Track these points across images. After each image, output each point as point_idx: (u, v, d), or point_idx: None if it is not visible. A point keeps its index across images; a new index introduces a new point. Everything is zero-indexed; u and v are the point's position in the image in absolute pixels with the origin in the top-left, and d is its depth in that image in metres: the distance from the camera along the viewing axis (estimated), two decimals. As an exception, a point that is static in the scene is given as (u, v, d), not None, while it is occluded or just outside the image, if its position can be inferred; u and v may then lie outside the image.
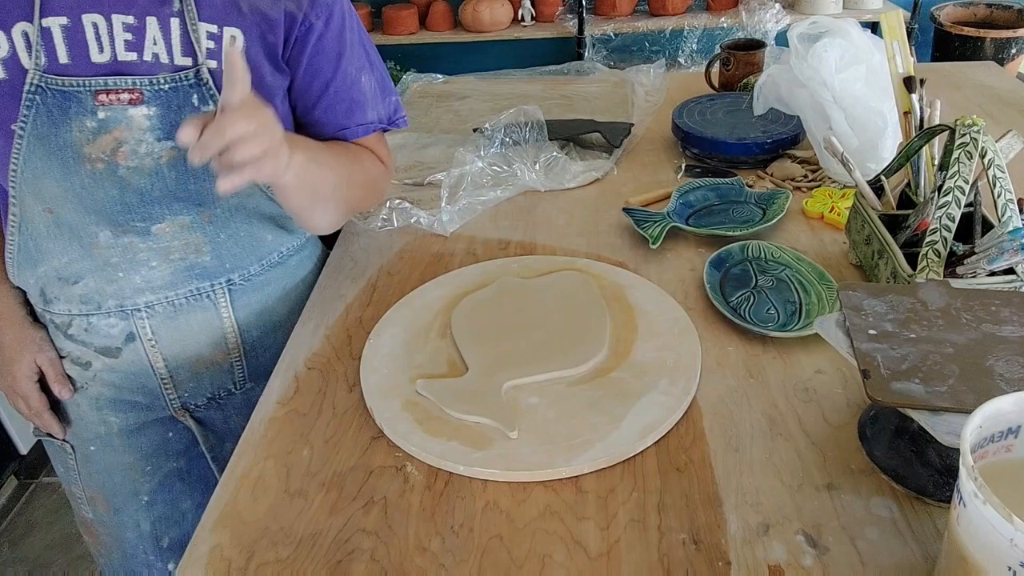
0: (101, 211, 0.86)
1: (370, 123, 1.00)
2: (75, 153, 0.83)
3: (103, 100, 0.82)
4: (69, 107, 0.81)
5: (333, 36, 0.93)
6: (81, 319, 0.94)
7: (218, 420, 1.06)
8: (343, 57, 0.95)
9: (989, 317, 0.69)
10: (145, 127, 0.83)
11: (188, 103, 0.84)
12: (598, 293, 0.95)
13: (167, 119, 0.84)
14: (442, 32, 2.75)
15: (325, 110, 0.96)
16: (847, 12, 2.64)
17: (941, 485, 0.68)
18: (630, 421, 0.77)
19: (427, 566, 0.66)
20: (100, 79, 0.81)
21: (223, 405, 1.05)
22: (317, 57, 0.93)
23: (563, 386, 0.83)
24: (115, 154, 0.84)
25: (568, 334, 0.89)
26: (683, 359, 0.85)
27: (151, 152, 0.85)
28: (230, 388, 1.04)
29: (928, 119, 0.99)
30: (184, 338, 0.97)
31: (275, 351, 1.00)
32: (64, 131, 0.82)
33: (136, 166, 0.85)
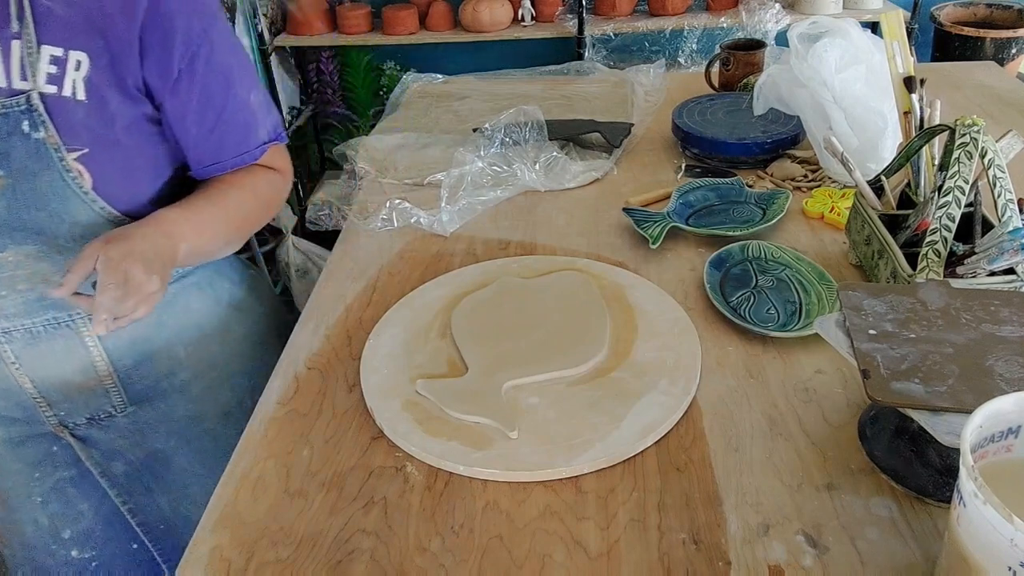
0: None
1: (263, 143, 0.97)
2: None
3: None
4: None
5: (215, 65, 0.89)
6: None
7: (102, 439, 1.01)
8: (231, 81, 0.92)
9: (989, 317, 0.69)
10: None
11: (18, 130, 0.81)
12: (598, 293, 0.95)
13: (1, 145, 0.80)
14: (442, 32, 2.75)
15: (220, 138, 0.93)
16: (847, 12, 2.64)
17: (941, 485, 0.68)
18: (630, 421, 0.77)
19: (427, 566, 0.66)
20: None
21: (106, 427, 1.01)
22: (207, 89, 0.90)
23: (563, 386, 0.83)
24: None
25: (568, 334, 0.89)
26: (683, 359, 0.85)
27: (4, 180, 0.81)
28: (109, 411, 1.00)
29: (928, 119, 0.99)
30: (48, 364, 0.94)
31: (158, 376, 0.99)
32: None
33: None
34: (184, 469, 1.05)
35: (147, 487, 1.06)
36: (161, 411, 1.02)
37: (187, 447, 1.05)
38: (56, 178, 0.84)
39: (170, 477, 1.05)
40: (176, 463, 1.05)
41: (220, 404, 1.06)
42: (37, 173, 0.83)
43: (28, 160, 0.82)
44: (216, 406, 1.05)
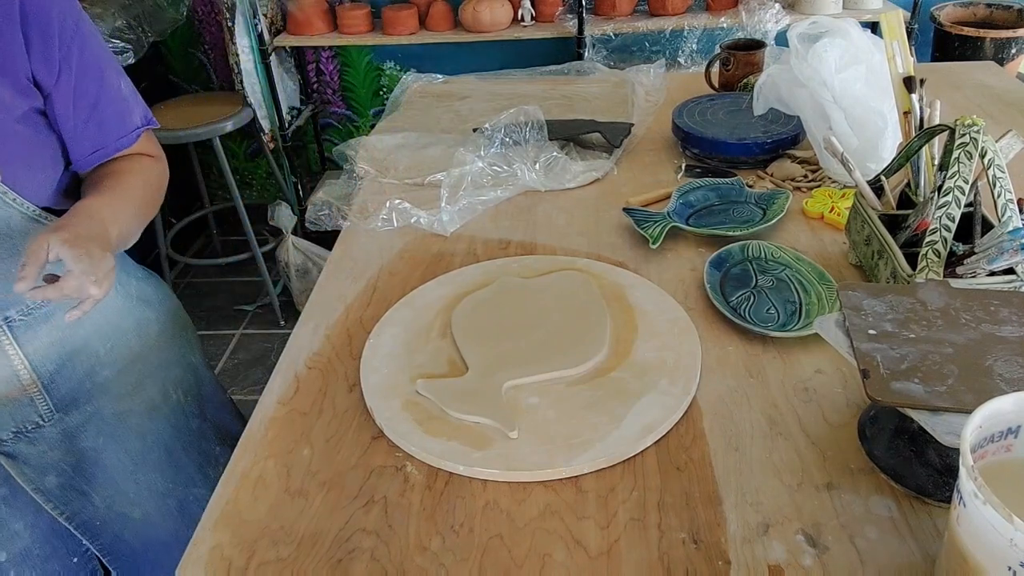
0: None
1: (139, 127, 1.00)
2: None
3: None
4: None
5: (88, 52, 0.92)
6: None
7: (32, 454, 1.00)
8: (104, 70, 0.95)
9: (988, 317, 0.69)
10: None
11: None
12: (598, 293, 0.95)
13: None
14: (442, 32, 2.75)
15: (100, 122, 0.95)
16: (847, 12, 2.64)
17: (941, 485, 0.68)
18: (630, 421, 0.77)
19: (427, 565, 0.66)
20: None
21: (34, 439, 0.99)
22: (83, 78, 0.92)
23: (563, 386, 0.83)
24: None
25: (568, 334, 0.89)
26: (683, 359, 0.85)
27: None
28: (36, 421, 0.98)
29: (928, 119, 0.99)
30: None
31: (80, 379, 0.98)
32: None
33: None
34: (114, 466, 1.04)
35: (80, 491, 1.04)
36: (88, 413, 1.01)
37: (115, 444, 1.04)
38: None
39: (101, 476, 1.04)
40: (106, 461, 1.04)
41: (145, 399, 1.05)
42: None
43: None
44: (141, 401, 1.05)
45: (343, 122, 3.12)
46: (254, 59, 2.71)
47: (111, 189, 0.94)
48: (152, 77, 2.84)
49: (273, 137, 2.83)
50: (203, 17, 2.88)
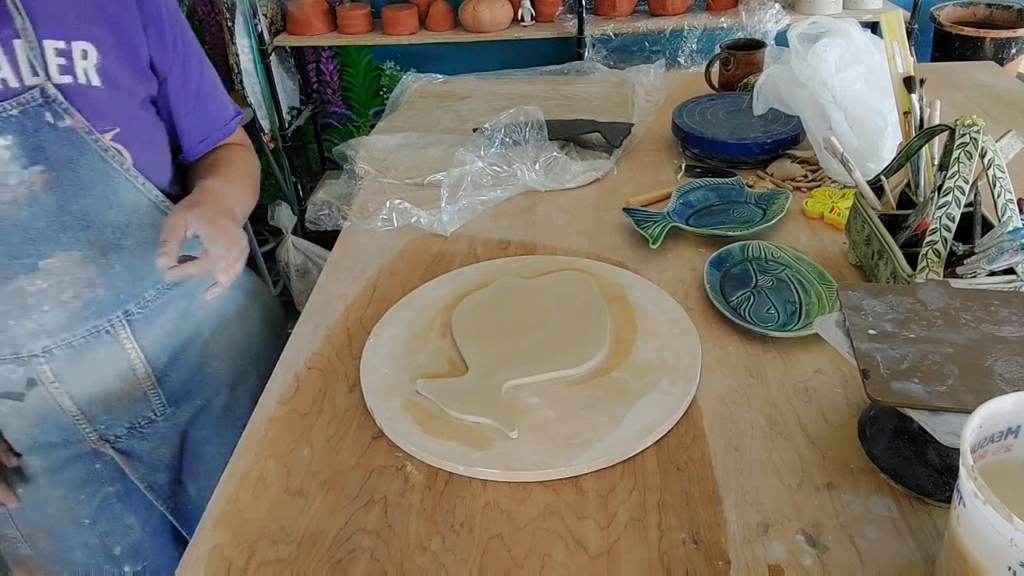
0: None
1: (237, 113, 1.03)
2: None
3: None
4: None
5: (190, 41, 0.95)
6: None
7: (144, 450, 1.01)
8: (202, 58, 0.98)
9: (988, 317, 0.69)
10: (7, 158, 0.80)
11: (43, 123, 0.80)
12: (598, 293, 0.95)
13: (27, 144, 0.80)
14: (442, 32, 2.75)
15: (205, 110, 0.98)
16: (847, 12, 2.64)
17: (941, 485, 0.68)
18: (630, 421, 0.77)
19: (427, 565, 0.66)
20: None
21: (146, 434, 1.01)
22: (187, 65, 0.94)
23: (563, 386, 0.83)
24: (26, 188, 0.80)
25: (568, 334, 0.89)
26: (683, 359, 0.85)
27: (23, 181, 0.81)
28: (149, 416, 1.00)
29: (928, 119, 0.99)
30: (89, 376, 0.93)
31: (191, 371, 0.99)
32: None
33: (11, 199, 0.81)
34: (213, 458, 1.06)
35: (181, 481, 1.07)
36: (197, 407, 1.03)
37: (218, 437, 1.06)
38: (96, 160, 0.84)
39: (198, 467, 1.06)
40: (205, 454, 1.06)
41: (250, 389, 1.06)
42: (76, 160, 0.83)
43: (64, 149, 0.82)
44: (247, 392, 1.06)
45: (343, 122, 3.12)
46: (254, 59, 2.71)
47: (224, 175, 0.96)
48: (152, 77, 2.84)
49: (273, 137, 2.83)
50: (203, 17, 2.88)
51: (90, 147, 0.84)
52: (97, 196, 0.86)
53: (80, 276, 0.87)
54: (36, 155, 0.81)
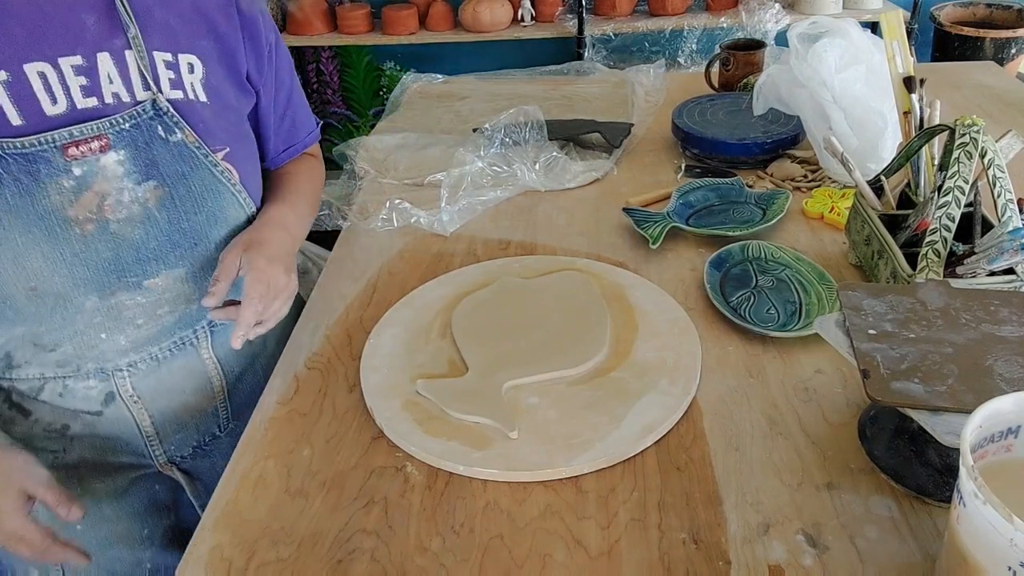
0: (92, 278, 0.79)
1: (318, 123, 1.04)
2: (59, 219, 0.75)
3: (74, 154, 0.74)
4: (39, 170, 0.73)
5: (282, 48, 0.95)
6: (55, 382, 0.86)
7: (205, 468, 0.99)
8: (291, 64, 0.98)
9: (988, 317, 0.69)
10: (120, 173, 0.77)
11: (155, 137, 0.78)
12: (598, 293, 0.95)
13: (139, 159, 0.78)
14: (442, 32, 2.75)
15: (293, 120, 0.98)
16: (847, 12, 2.64)
17: (941, 485, 0.68)
18: (630, 421, 0.77)
19: (428, 566, 0.66)
20: (64, 131, 0.73)
21: (209, 452, 0.99)
22: (279, 72, 0.94)
23: (563, 386, 0.83)
24: (102, 210, 0.77)
25: (568, 334, 0.89)
26: (683, 359, 0.85)
27: (137, 198, 0.79)
28: (215, 432, 0.99)
29: (928, 119, 0.99)
30: (168, 390, 0.91)
31: (255, 382, 0.98)
32: (40, 198, 0.73)
33: (126, 217, 0.79)
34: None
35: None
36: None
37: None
38: (208, 176, 0.83)
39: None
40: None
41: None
42: (188, 175, 0.81)
43: (176, 164, 0.80)
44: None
45: (343, 122, 3.12)
46: (254, 59, 2.70)
47: (294, 194, 0.97)
48: (152, 77, 2.84)
49: (273, 137, 2.83)
50: (203, 17, 2.87)
51: (201, 162, 0.82)
52: (207, 213, 0.84)
53: (180, 292, 0.86)
54: (149, 170, 0.78)
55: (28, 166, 0.72)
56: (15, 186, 0.72)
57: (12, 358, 0.84)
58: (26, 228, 0.74)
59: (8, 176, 0.72)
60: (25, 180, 0.72)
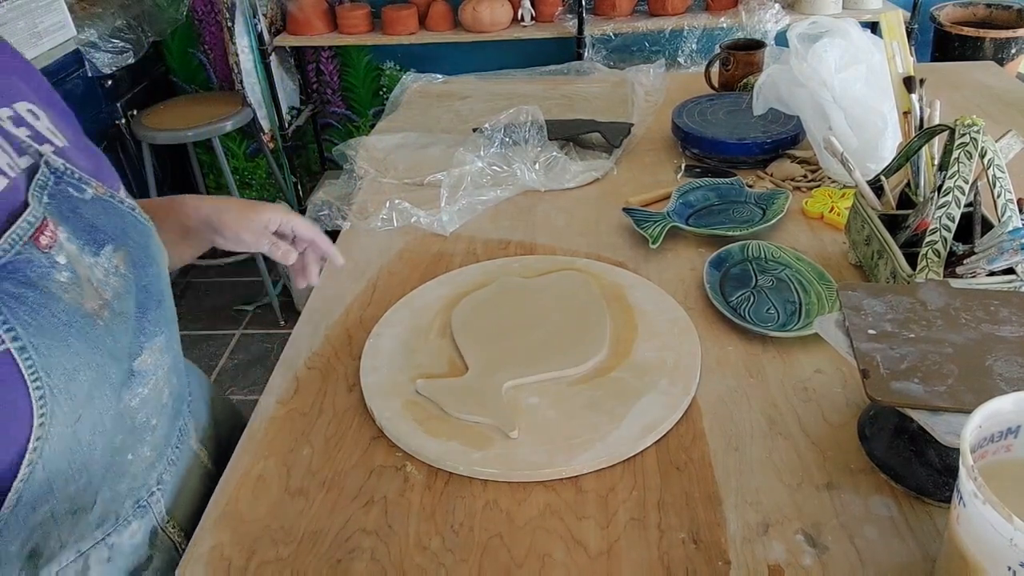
0: (115, 378, 0.64)
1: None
2: (83, 316, 0.60)
3: (47, 242, 0.58)
4: (30, 275, 0.57)
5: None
6: (99, 549, 0.67)
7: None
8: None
9: (988, 317, 0.69)
10: (76, 251, 0.61)
11: (73, 200, 0.63)
12: (598, 293, 0.95)
13: (79, 228, 0.62)
14: (442, 32, 2.75)
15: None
16: (847, 12, 2.64)
17: (941, 485, 0.68)
18: (630, 421, 0.77)
19: (427, 565, 0.66)
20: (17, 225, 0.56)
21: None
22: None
23: (563, 386, 0.83)
24: (100, 292, 0.63)
25: (568, 334, 0.89)
26: (683, 359, 0.85)
27: (108, 268, 0.64)
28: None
29: (928, 119, 0.99)
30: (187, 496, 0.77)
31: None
32: (54, 304, 0.58)
33: (112, 295, 0.64)
34: None
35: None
36: None
37: None
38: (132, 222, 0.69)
39: None
40: None
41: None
42: (123, 227, 0.67)
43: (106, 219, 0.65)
44: None
45: (343, 122, 3.12)
46: (254, 59, 2.71)
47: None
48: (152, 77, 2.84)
49: (273, 137, 2.83)
50: (203, 17, 2.88)
51: (120, 210, 0.67)
52: (154, 263, 0.71)
53: (166, 365, 0.72)
54: (95, 236, 0.64)
55: (25, 275, 0.56)
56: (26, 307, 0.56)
57: (40, 555, 0.63)
58: (65, 347, 0.58)
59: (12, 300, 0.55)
60: (33, 295, 0.56)
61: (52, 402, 0.57)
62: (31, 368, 0.55)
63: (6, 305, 0.54)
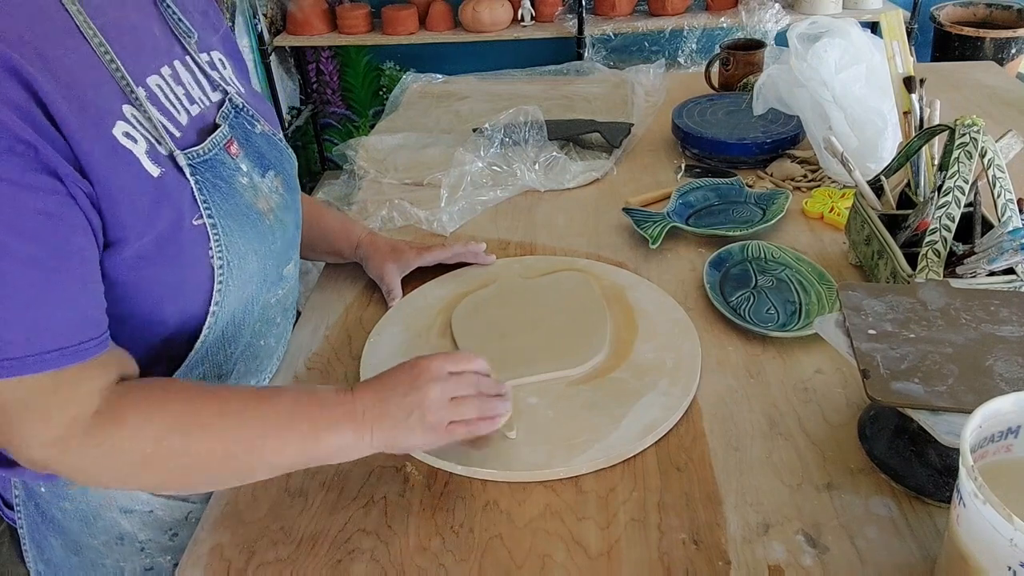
0: (269, 273, 0.79)
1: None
2: (257, 213, 0.75)
3: (234, 151, 0.75)
4: (222, 173, 0.72)
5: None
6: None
7: None
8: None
9: (988, 317, 0.69)
10: (247, 169, 0.76)
11: (248, 131, 0.79)
12: (598, 293, 0.95)
13: (252, 153, 0.78)
14: (442, 32, 2.75)
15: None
16: (847, 12, 2.64)
17: (941, 485, 0.68)
18: (630, 421, 0.77)
19: (427, 566, 0.66)
20: (216, 134, 0.72)
21: None
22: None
23: (563, 386, 0.83)
24: (269, 199, 0.78)
25: (568, 334, 0.89)
26: (683, 359, 0.85)
27: (272, 188, 0.79)
28: None
29: (928, 119, 0.99)
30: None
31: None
32: (238, 198, 0.73)
33: (277, 204, 0.79)
34: None
35: None
36: None
37: None
38: (288, 159, 0.85)
39: None
40: None
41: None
42: (280, 160, 0.83)
43: (271, 152, 0.81)
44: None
45: (343, 122, 3.13)
46: (254, 59, 2.71)
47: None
48: (152, 77, 2.84)
49: (273, 137, 2.83)
50: (203, 17, 2.87)
51: (280, 146, 0.83)
52: (298, 191, 0.87)
53: (295, 277, 0.88)
54: (263, 162, 0.79)
55: (219, 171, 0.71)
56: (218, 193, 0.70)
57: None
58: (243, 231, 0.73)
59: (208, 182, 0.69)
60: (223, 186, 0.71)
61: (228, 274, 0.71)
62: (217, 242, 0.70)
63: (206, 189, 0.69)
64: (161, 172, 0.65)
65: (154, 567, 0.83)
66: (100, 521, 0.79)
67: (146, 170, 0.64)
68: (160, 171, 0.65)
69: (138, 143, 0.64)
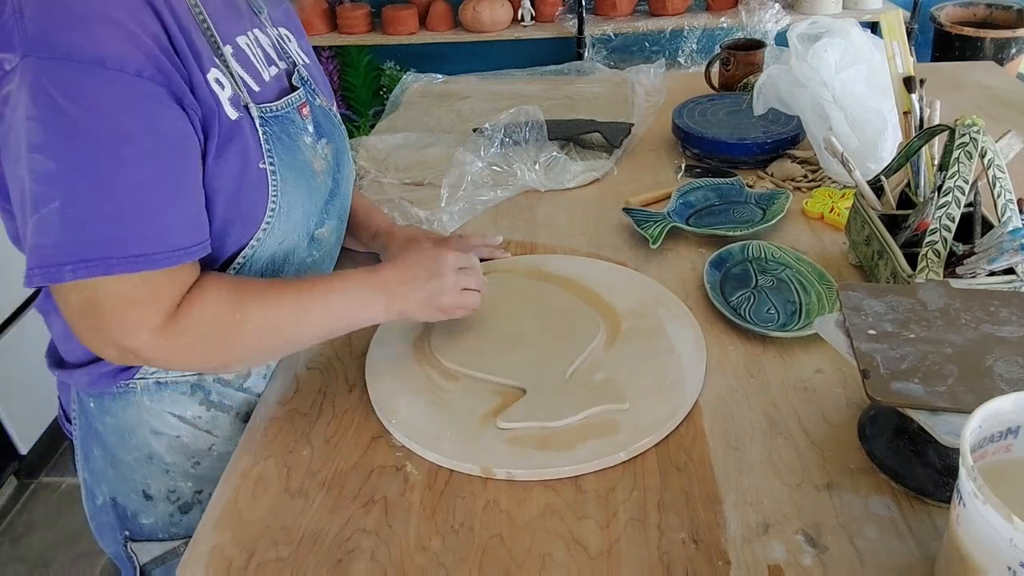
0: (308, 224, 0.85)
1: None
2: (312, 172, 0.83)
3: (306, 113, 0.84)
4: (289, 130, 0.80)
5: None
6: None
7: None
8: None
9: (988, 317, 0.69)
10: (311, 131, 0.85)
11: (311, 100, 0.87)
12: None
13: (313, 119, 0.86)
14: (442, 32, 2.75)
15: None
16: (847, 12, 2.64)
17: (941, 485, 0.68)
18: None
19: (427, 565, 0.66)
20: (294, 95, 0.82)
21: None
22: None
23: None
24: (326, 160, 0.87)
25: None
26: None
27: (325, 154, 0.87)
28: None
29: (928, 119, 0.99)
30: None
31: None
32: (298, 154, 0.81)
33: (325, 168, 0.87)
34: None
35: None
36: None
37: None
38: (340, 133, 0.93)
39: None
40: None
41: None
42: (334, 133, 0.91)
43: (327, 123, 0.89)
44: None
45: (343, 122, 3.12)
46: (254, 59, 2.70)
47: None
48: (152, 77, 2.84)
49: (273, 137, 2.83)
50: (203, 17, 2.87)
51: (334, 119, 0.92)
52: (347, 163, 0.94)
53: (330, 244, 0.93)
54: (320, 130, 0.87)
55: (286, 127, 0.80)
56: (281, 145, 0.79)
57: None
58: (296, 183, 0.81)
59: (275, 135, 0.78)
60: (287, 140, 0.80)
61: (275, 218, 0.79)
62: (274, 187, 0.78)
63: (273, 139, 0.78)
64: (239, 117, 0.74)
65: (176, 490, 0.90)
66: (133, 438, 0.87)
67: (227, 113, 0.73)
68: (238, 115, 0.74)
69: (224, 89, 0.73)
